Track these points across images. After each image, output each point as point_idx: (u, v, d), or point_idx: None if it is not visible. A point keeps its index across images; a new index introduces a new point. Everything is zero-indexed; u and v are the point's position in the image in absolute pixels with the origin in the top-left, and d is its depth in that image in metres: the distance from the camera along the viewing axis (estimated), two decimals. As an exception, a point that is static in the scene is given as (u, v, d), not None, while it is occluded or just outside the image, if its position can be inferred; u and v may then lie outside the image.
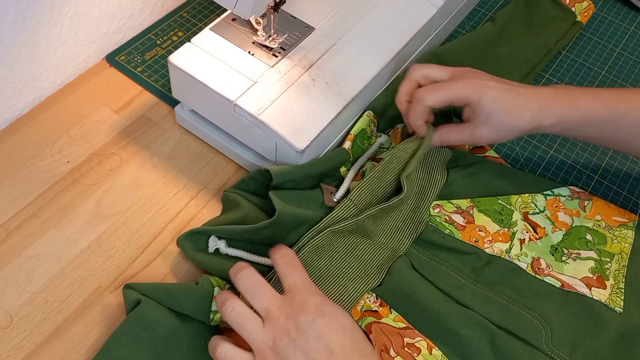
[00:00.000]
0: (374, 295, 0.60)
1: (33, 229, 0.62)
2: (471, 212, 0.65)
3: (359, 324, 0.58)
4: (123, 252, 0.61)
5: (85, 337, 0.56)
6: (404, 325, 0.58)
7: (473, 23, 0.86)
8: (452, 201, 0.66)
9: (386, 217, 0.62)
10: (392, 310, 0.59)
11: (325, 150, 0.67)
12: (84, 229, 0.62)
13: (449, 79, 0.63)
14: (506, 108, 0.60)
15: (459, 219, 0.65)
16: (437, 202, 0.66)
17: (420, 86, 0.64)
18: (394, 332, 0.58)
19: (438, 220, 0.64)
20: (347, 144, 0.65)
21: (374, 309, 0.59)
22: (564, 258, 0.63)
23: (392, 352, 0.57)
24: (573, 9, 0.84)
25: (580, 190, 0.68)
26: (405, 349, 0.57)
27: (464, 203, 0.66)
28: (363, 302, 0.60)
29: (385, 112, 0.70)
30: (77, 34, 0.72)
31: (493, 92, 0.60)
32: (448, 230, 0.64)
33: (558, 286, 0.61)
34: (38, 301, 0.58)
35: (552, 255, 0.63)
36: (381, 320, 0.58)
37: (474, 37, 0.79)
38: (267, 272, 0.58)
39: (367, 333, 0.57)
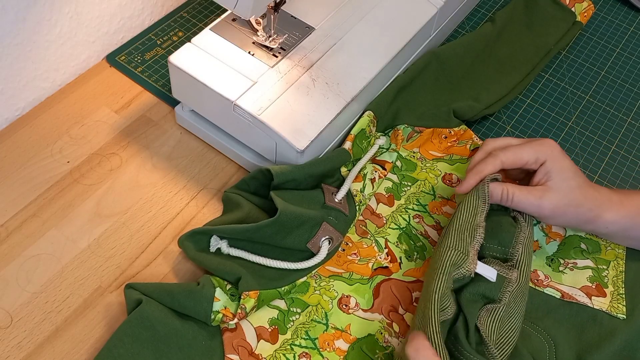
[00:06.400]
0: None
1: (33, 229, 0.62)
2: None
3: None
4: (123, 252, 0.61)
5: (85, 337, 0.56)
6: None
7: (473, 23, 0.86)
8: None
9: None
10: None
11: (325, 150, 0.67)
12: (84, 229, 0.62)
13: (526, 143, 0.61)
14: (578, 183, 0.59)
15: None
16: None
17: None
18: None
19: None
20: (347, 144, 0.65)
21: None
22: (561, 268, 0.63)
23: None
24: (573, 9, 0.84)
25: None
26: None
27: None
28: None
29: (385, 112, 0.70)
30: (77, 34, 0.72)
31: (568, 162, 0.60)
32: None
33: (558, 297, 0.61)
34: (38, 301, 0.58)
35: (549, 266, 0.63)
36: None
37: (474, 37, 0.79)
38: (270, 271, 0.59)
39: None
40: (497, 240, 0.59)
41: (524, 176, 0.64)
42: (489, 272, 0.56)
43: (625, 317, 0.60)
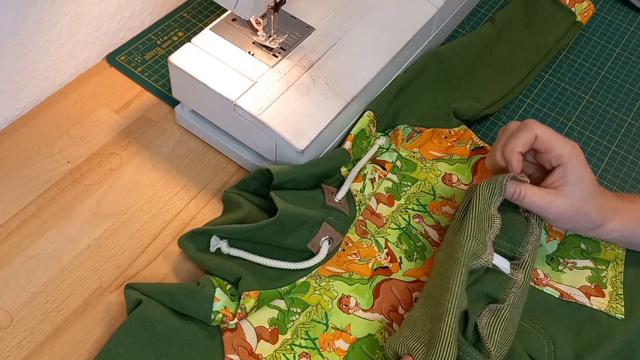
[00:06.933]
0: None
1: (33, 229, 0.62)
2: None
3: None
4: (123, 252, 0.61)
5: (85, 337, 0.56)
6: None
7: (473, 23, 0.86)
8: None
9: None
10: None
11: (325, 150, 0.67)
12: (84, 229, 0.62)
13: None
14: (590, 193, 0.58)
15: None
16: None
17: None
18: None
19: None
20: (347, 144, 0.65)
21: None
22: (560, 267, 0.63)
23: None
24: (573, 9, 0.84)
25: None
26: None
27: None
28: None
29: (385, 112, 0.70)
30: (77, 34, 0.72)
31: (588, 172, 0.59)
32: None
33: (557, 296, 0.61)
34: (38, 301, 0.58)
35: (549, 264, 0.64)
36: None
37: (474, 37, 0.79)
38: (270, 271, 0.59)
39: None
40: (508, 237, 0.59)
41: (533, 171, 0.62)
42: (503, 263, 0.56)
43: (623, 317, 0.60)
